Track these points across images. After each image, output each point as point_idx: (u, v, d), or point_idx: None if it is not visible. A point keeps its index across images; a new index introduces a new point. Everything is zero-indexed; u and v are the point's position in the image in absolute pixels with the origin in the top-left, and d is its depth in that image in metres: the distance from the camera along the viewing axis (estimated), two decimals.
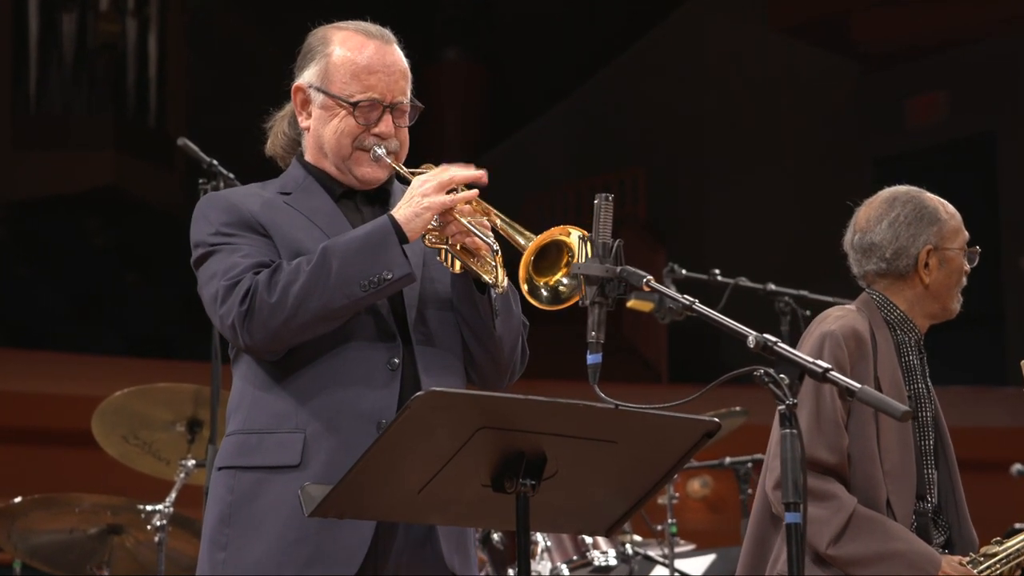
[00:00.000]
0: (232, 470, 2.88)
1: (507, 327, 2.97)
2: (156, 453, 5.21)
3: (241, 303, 2.82)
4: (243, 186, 3.14)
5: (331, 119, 3.02)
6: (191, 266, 2.96)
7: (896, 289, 3.56)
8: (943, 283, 3.56)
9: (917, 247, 3.54)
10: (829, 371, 2.39)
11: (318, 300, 2.80)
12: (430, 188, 2.86)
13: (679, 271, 5.50)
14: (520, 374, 3.08)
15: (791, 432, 2.38)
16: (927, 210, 3.57)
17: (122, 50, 13.62)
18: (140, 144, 13.49)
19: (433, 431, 2.40)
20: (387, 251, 2.82)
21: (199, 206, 3.00)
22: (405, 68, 3.05)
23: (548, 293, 2.73)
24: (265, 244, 2.92)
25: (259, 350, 2.86)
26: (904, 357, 3.53)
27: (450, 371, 2.95)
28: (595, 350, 2.50)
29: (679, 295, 2.56)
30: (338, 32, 3.06)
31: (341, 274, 2.80)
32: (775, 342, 2.44)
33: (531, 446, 2.45)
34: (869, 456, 3.38)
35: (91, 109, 13.44)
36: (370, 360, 2.88)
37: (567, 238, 2.74)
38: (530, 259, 2.71)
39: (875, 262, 3.56)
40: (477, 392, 2.41)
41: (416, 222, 2.85)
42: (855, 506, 3.34)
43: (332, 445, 2.82)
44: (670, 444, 2.55)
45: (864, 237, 3.58)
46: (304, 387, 2.87)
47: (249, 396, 2.91)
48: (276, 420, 2.86)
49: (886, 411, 2.39)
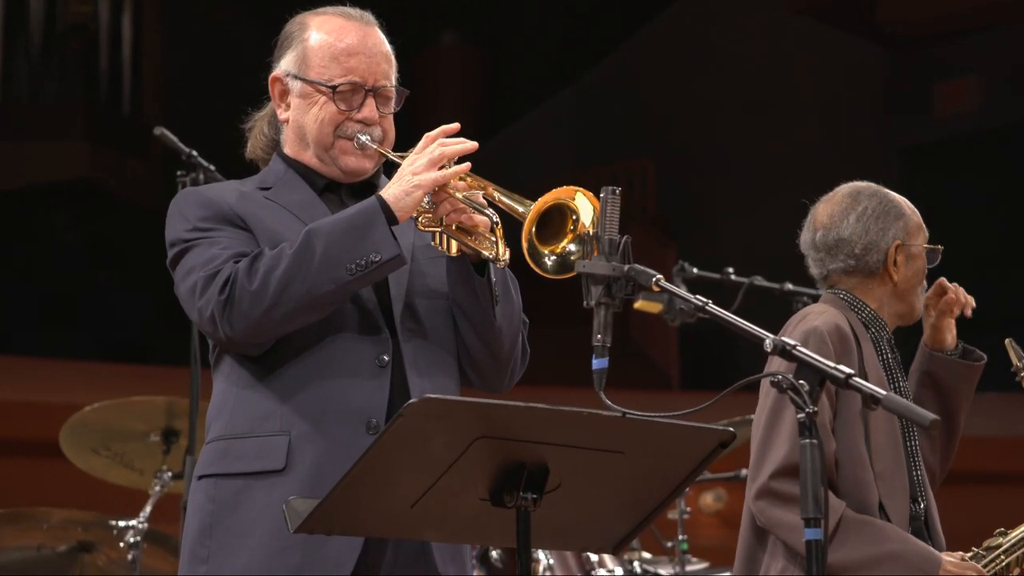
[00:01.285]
0: (213, 478, 2.89)
1: (507, 316, 2.97)
2: (129, 464, 5.22)
3: (220, 292, 2.83)
4: (220, 182, 3.15)
5: (310, 107, 3.03)
6: (167, 267, 2.97)
7: (865, 288, 3.57)
8: (909, 281, 3.57)
9: (887, 242, 3.55)
10: (852, 376, 2.40)
11: (302, 285, 2.80)
12: (420, 165, 2.87)
13: (690, 269, 5.50)
14: (520, 374, 3.09)
15: (811, 442, 2.38)
16: (892, 204, 3.59)
17: (94, 32, 13.61)
18: (114, 133, 13.49)
19: (427, 441, 2.40)
20: (375, 232, 2.82)
21: (174, 203, 3.01)
22: (388, 51, 3.07)
23: (554, 262, 2.73)
24: (245, 237, 2.93)
25: (241, 343, 2.86)
26: (882, 355, 3.54)
27: (441, 368, 2.95)
28: (601, 354, 2.51)
29: (690, 295, 2.56)
30: (316, 17, 3.08)
31: (326, 257, 2.81)
32: (794, 345, 2.44)
33: (532, 457, 2.45)
34: (858, 458, 3.39)
35: (61, 96, 13.44)
36: (358, 355, 2.89)
37: (571, 201, 2.73)
38: (532, 227, 2.71)
39: (842, 259, 3.57)
40: (475, 399, 2.41)
41: (406, 201, 2.86)
42: (844, 510, 3.34)
43: (319, 447, 2.83)
44: (681, 455, 2.55)
45: (828, 234, 3.58)
46: (288, 384, 2.88)
47: (232, 398, 2.92)
48: (259, 422, 2.87)
49: (913, 419, 2.40)
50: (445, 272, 2.98)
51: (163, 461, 5.12)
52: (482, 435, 2.41)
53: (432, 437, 2.40)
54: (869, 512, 3.37)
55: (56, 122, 13.30)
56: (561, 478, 2.48)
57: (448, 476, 2.44)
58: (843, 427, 3.39)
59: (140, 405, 5.10)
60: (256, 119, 3.17)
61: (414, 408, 2.36)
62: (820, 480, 2.37)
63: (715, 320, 2.52)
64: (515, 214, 2.77)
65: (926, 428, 2.37)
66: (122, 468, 5.23)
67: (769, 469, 3.37)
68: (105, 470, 5.25)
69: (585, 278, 2.57)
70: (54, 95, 13.47)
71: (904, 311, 3.60)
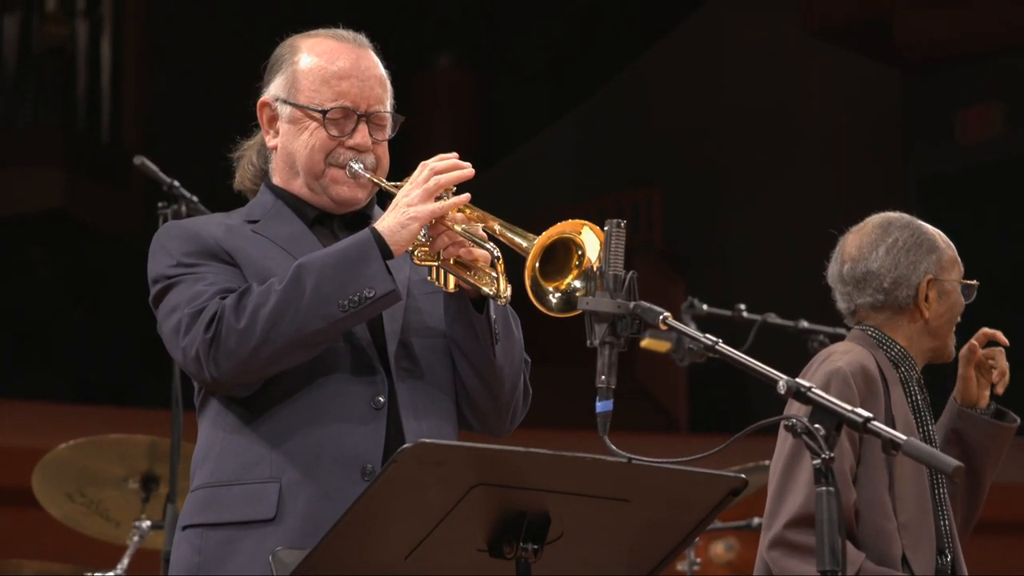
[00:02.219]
0: (198, 528, 2.88)
1: (508, 355, 2.97)
2: (104, 513, 5.20)
3: (206, 330, 2.82)
4: (205, 215, 3.15)
5: (300, 133, 3.03)
6: (150, 304, 2.97)
7: (894, 324, 3.57)
8: (942, 318, 3.57)
9: (918, 276, 3.55)
10: (870, 420, 2.40)
11: (292, 323, 2.80)
12: (416, 196, 2.87)
13: (700, 306, 5.50)
14: (522, 417, 3.08)
15: (827, 490, 2.38)
16: (925, 237, 3.59)
17: (71, 56, 13.65)
18: (92, 162, 13.51)
19: (422, 488, 2.40)
20: (369, 266, 2.82)
21: (157, 238, 3.02)
22: (382, 75, 3.08)
23: (559, 299, 2.73)
24: (232, 272, 2.93)
25: (228, 384, 2.86)
26: (911, 396, 3.53)
27: (438, 410, 2.95)
28: (605, 396, 2.51)
29: (700, 334, 2.56)
30: (306, 39, 3.09)
31: (317, 293, 2.81)
32: (808, 388, 2.44)
33: (533, 505, 2.45)
34: (880, 508, 3.38)
35: (36, 122, 13.46)
36: (351, 396, 2.89)
37: (576, 235, 2.73)
38: (535, 262, 2.71)
39: (871, 294, 3.57)
40: (472, 444, 2.41)
41: (402, 233, 2.86)
42: (862, 562, 3.33)
43: (311, 495, 2.83)
44: (690, 503, 2.55)
45: (857, 266, 3.58)
46: (278, 429, 2.87)
47: (218, 443, 2.91)
48: (247, 468, 2.87)
49: (936, 466, 2.39)
50: (442, 308, 2.97)
51: (142, 510, 5.10)
52: (480, 482, 2.40)
53: (427, 484, 2.39)
54: (891, 565, 3.36)
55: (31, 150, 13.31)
56: (563, 528, 2.47)
57: (444, 525, 2.43)
58: (866, 474, 3.39)
59: (119, 444, 5.08)
60: (245, 148, 3.17)
61: (408, 453, 2.35)
62: (837, 530, 2.37)
63: (726, 360, 2.52)
64: (517, 248, 2.77)
65: (949, 475, 2.37)
66: (98, 518, 5.20)
67: (784, 518, 3.36)
68: (80, 520, 5.22)
69: (588, 316, 2.57)
70: (29, 121, 13.49)
71: (936, 349, 3.59)
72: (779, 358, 3.00)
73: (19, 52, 13.53)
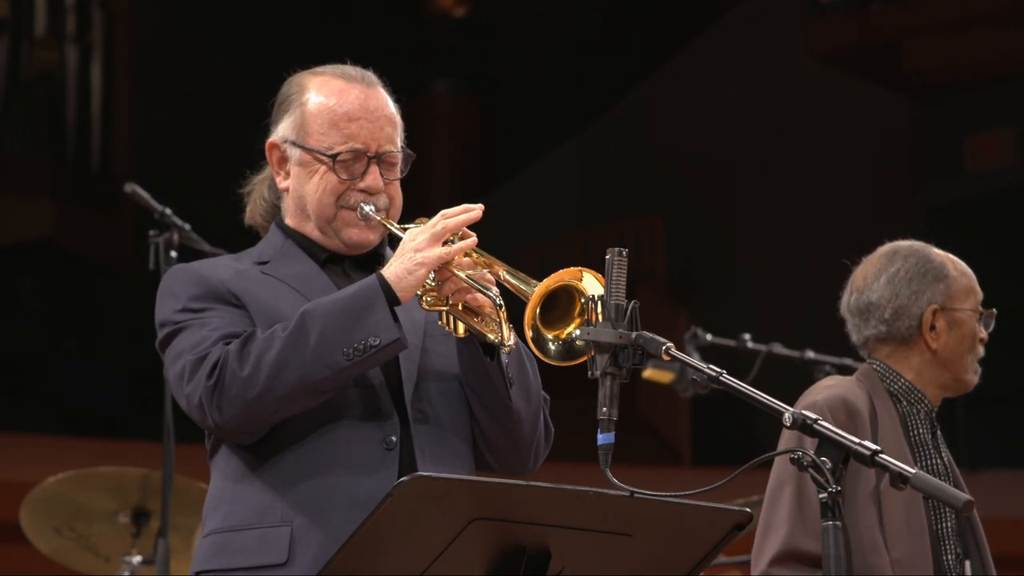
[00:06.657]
0: (212, 574, 2.89)
1: (525, 398, 2.97)
2: (94, 548, 5.18)
3: (208, 377, 2.83)
4: (214, 257, 3.17)
5: (310, 176, 3.04)
6: (157, 349, 2.98)
7: (900, 356, 3.55)
8: (953, 349, 3.54)
9: (920, 306, 3.52)
10: (878, 454, 2.40)
11: (296, 371, 2.81)
12: (423, 241, 2.88)
13: (703, 336, 5.51)
14: (546, 454, 3.08)
15: (834, 525, 2.38)
16: (932, 265, 3.56)
17: (61, 81, 13.66)
18: (81, 191, 13.51)
19: (420, 523, 2.40)
20: (374, 314, 2.83)
21: (164, 281, 3.04)
22: (392, 113, 3.08)
23: (560, 347, 2.73)
24: (239, 315, 2.94)
25: (231, 431, 2.87)
26: (912, 431, 3.51)
27: (453, 455, 2.95)
28: (607, 429, 2.51)
29: (703, 364, 2.56)
30: (314, 78, 3.09)
31: (322, 341, 2.82)
32: (815, 420, 2.44)
33: (533, 540, 2.45)
34: (870, 543, 3.37)
35: (25, 150, 13.46)
36: (363, 439, 2.89)
37: (577, 282, 2.74)
38: (535, 309, 2.72)
39: (874, 325, 3.55)
40: (470, 477, 2.41)
41: (409, 280, 2.86)
42: None
43: (322, 538, 2.83)
44: (694, 538, 2.54)
45: (861, 297, 3.57)
46: (289, 474, 2.88)
47: (228, 491, 2.93)
48: (258, 514, 2.88)
49: (945, 500, 2.39)
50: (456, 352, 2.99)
51: (132, 544, 5.08)
52: (479, 516, 2.40)
53: (425, 519, 2.39)
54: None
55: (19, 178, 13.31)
56: (564, 563, 2.47)
57: (442, 561, 2.43)
58: (852, 510, 3.36)
59: (110, 477, 5.07)
60: (255, 183, 3.18)
61: (404, 487, 2.35)
62: (843, 567, 2.37)
63: (730, 392, 2.53)
64: (521, 295, 2.79)
65: (959, 510, 2.37)
66: (87, 553, 5.19)
67: (768, 555, 3.36)
68: (68, 555, 5.21)
69: (590, 346, 2.57)
70: (17, 149, 13.49)
71: (948, 381, 3.56)
72: (785, 389, 3.01)
73: (7, 78, 13.55)
